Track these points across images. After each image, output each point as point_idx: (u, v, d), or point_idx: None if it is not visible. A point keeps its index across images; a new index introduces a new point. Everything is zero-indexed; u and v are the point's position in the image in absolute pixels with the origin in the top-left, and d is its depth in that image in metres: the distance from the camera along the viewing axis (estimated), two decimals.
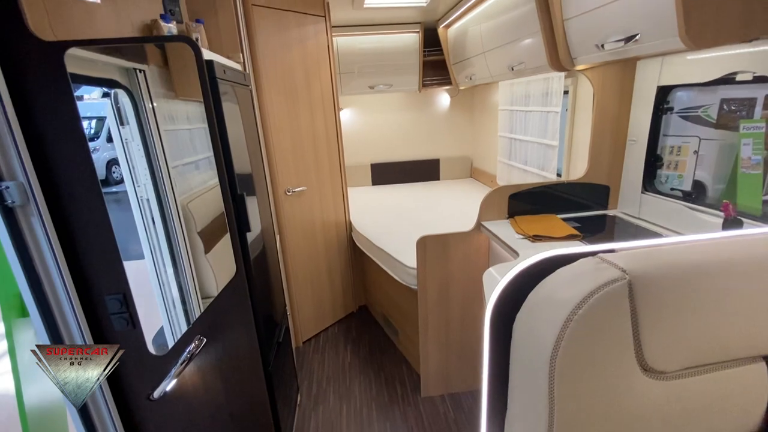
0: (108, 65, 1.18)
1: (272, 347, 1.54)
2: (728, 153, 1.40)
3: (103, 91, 1.18)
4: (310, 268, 2.60)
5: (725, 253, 0.69)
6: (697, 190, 1.53)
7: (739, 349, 0.68)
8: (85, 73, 1.10)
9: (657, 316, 0.64)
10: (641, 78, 1.66)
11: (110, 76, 1.20)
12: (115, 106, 1.30)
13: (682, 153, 1.57)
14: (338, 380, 2.28)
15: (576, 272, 0.69)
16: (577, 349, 0.62)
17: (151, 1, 1.34)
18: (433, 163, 3.93)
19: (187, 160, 1.51)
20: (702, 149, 1.49)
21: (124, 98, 1.28)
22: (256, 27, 2.01)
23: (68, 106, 0.83)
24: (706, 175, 1.52)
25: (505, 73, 2.22)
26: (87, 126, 1.46)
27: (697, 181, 1.53)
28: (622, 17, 1.26)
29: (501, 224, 1.82)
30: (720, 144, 1.45)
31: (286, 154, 2.31)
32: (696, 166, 1.52)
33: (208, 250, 1.50)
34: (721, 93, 1.41)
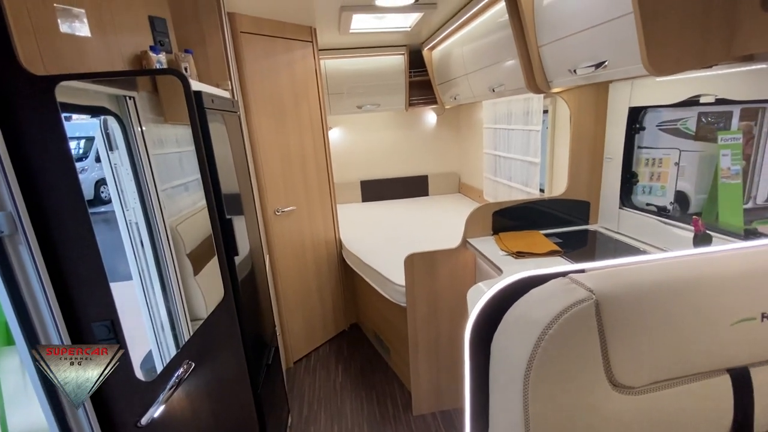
0: (98, 94, 1.22)
1: (261, 369, 1.54)
2: (708, 164, 1.45)
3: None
4: (300, 288, 2.60)
5: (687, 271, 0.73)
6: (678, 201, 1.57)
7: (702, 363, 0.71)
8: (76, 102, 1.13)
9: (623, 333, 0.68)
10: (614, 99, 1.75)
11: (100, 103, 1.24)
12: (104, 132, 1.33)
13: (663, 165, 1.62)
14: (330, 401, 2.26)
15: (547, 293, 0.73)
16: (549, 366, 0.65)
17: (141, 33, 1.38)
18: (421, 179, 3.99)
19: (177, 183, 1.53)
20: (683, 160, 1.54)
21: (114, 124, 1.31)
22: (245, 53, 2.07)
23: (58, 138, 0.86)
24: (688, 186, 1.57)
25: (487, 93, 2.30)
26: (75, 146, 1.49)
27: (680, 192, 1.57)
28: (591, 45, 1.34)
29: (486, 241, 1.86)
30: (700, 155, 1.50)
31: (275, 175, 2.34)
32: (678, 177, 1.57)
33: (198, 272, 1.51)
34: (699, 106, 1.45)
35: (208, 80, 1.56)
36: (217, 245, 1.26)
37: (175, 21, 1.50)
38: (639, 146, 1.71)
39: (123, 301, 1.29)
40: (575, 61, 1.44)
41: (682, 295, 0.70)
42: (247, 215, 1.68)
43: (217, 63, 1.57)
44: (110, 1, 1.26)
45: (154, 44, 1.40)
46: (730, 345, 0.71)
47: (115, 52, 1.27)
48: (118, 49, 1.28)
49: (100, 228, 1.35)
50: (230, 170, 1.50)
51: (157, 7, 1.44)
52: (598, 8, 1.25)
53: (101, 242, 1.12)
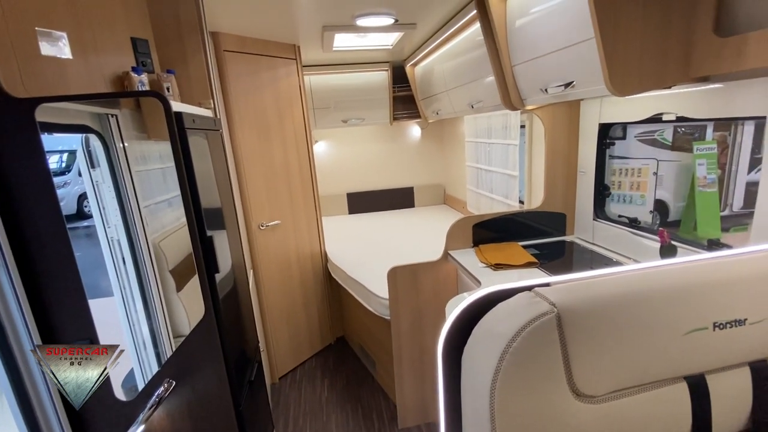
0: (80, 112, 1.23)
1: (244, 386, 1.53)
2: (686, 173, 1.50)
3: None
4: (286, 303, 2.60)
5: (643, 283, 0.77)
6: (658, 210, 1.62)
7: (660, 371, 0.75)
8: (57, 121, 1.14)
9: (584, 344, 0.71)
10: (585, 116, 1.82)
11: (82, 122, 1.25)
12: (86, 150, 1.34)
13: (642, 174, 1.67)
14: (315, 416, 2.25)
15: (512, 306, 0.76)
16: (514, 378, 0.68)
17: (123, 54, 1.40)
18: (407, 191, 4.04)
19: (160, 199, 1.54)
20: (661, 170, 1.59)
21: (96, 142, 1.33)
22: (229, 71, 2.10)
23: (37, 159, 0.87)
24: (666, 194, 1.62)
25: (467, 109, 2.37)
26: (58, 159, 1.49)
27: (659, 200, 1.63)
28: (560, 66, 1.41)
29: (466, 253, 1.90)
30: (678, 165, 1.56)
31: (259, 190, 2.36)
32: (656, 186, 1.62)
33: (180, 288, 1.51)
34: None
35: (191, 99, 1.58)
36: (198, 263, 1.27)
37: (158, 41, 1.53)
38: (619, 156, 1.75)
39: (104, 318, 1.29)
40: (546, 81, 1.51)
41: (638, 306, 0.74)
42: (230, 231, 1.69)
43: (200, 82, 1.59)
44: (92, 23, 1.28)
45: (137, 65, 1.43)
46: (686, 354, 0.75)
47: (96, 73, 1.29)
48: (100, 70, 1.30)
49: (83, 243, 1.35)
50: (212, 188, 1.51)
51: (140, 28, 1.46)
52: (565, 32, 1.32)
53: (84, 258, 1.12)
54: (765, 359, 0.79)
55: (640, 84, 1.20)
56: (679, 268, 0.80)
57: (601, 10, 1.11)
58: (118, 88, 1.35)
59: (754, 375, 0.79)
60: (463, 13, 1.94)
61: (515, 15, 1.59)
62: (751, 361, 0.79)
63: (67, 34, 1.19)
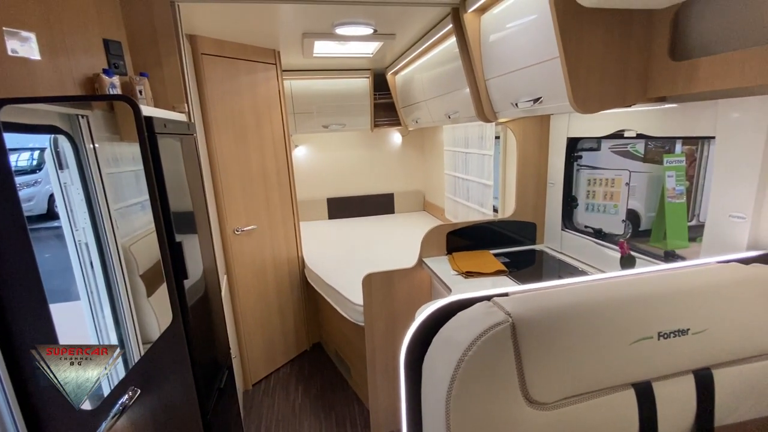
0: (48, 113, 1.21)
1: (212, 394, 1.51)
2: (656, 184, 1.57)
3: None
4: (261, 308, 2.58)
5: (594, 295, 0.81)
6: (630, 219, 1.66)
7: (608, 378, 0.79)
8: (23, 122, 1.12)
9: (537, 353, 0.74)
10: (554, 130, 1.89)
11: (50, 122, 1.22)
12: (54, 150, 1.31)
13: (616, 185, 1.72)
14: (288, 423, 2.23)
15: (471, 316, 0.79)
16: (468, 385, 0.71)
17: (95, 55, 1.38)
18: (387, 197, 4.07)
19: (132, 201, 1.51)
20: (633, 181, 1.65)
21: (65, 143, 1.30)
22: (206, 74, 2.09)
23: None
24: (638, 204, 1.68)
25: (444, 119, 2.42)
26: (29, 157, 1.45)
27: (631, 210, 1.68)
28: (529, 83, 1.46)
29: (440, 260, 1.93)
30: (649, 176, 1.62)
31: (235, 195, 2.34)
32: (629, 196, 1.68)
33: (151, 293, 1.49)
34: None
35: (165, 103, 1.57)
36: (166, 268, 1.26)
37: (132, 44, 1.51)
38: (593, 167, 1.80)
39: (72, 323, 1.26)
40: (516, 96, 1.56)
41: (588, 316, 0.78)
42: (202, 236, 1.67)
43: (174, 86, 1.58)
44: (63, 24, 1.26)
45: (109, 67, 1.41)
46: (633, 362, 0.80)
47: (66, 75, 1.27)
48: (70, 72, 1.28)
49: (52, 244, 1.32)
50: (184, 192, 1.50)
51: (113, 30, 1.45)
52: (534, 50, 1.38)
53: (53, 260, 1.09)
54: (708, 367, 0.84)
55: (601, 103, 1.26)
56: (626, 280, 0.85)
57: (565, 32, 1.17)
58: (88, 89, 1.33)
59: (698, 382, 0.83)
60: (441, 26, 1.99)
61: (489, 31, 1.64)
62: (695, 368, 0.84)
63: (36, 34, 1.17)
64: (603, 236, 1.71)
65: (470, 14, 1.68)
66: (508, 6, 1.51)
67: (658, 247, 1.52)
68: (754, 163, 1.03)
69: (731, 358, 0.84)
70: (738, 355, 0.84)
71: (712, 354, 0.83)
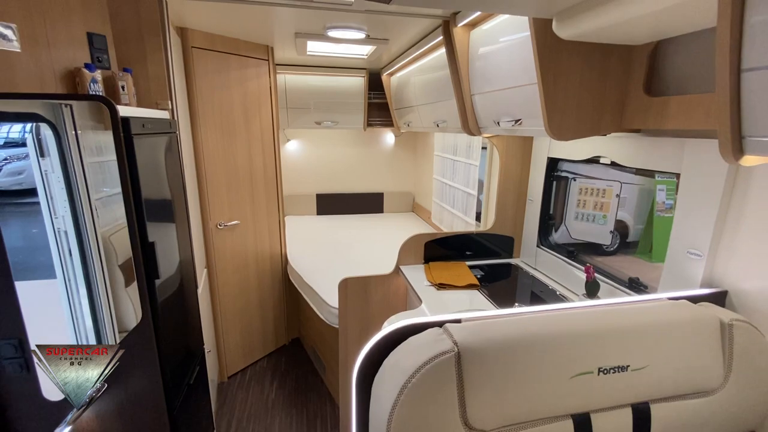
0: (31, 102, 1.20)
1: (180, 390, 1.54)
2: (647, 197, 1.59)
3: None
4: (240, 302, 2.60)
5: (540, 327, 0.84)
6: (618, 230, 1.67)
7: (547, 409, 0.82)
8: (4, 110, 1.12)
9: (479, 381, 0.77)
10: (536, 149, 1.92)
11: (32, 110, 1.22)
12: (36, 138, 1.31)
13: (606, 195, 1.73)
14: (259, 418, 2.27)
15: (420, 342, 0.82)
16: (409, 412, 0.74)
17: (78, 49, 1.38)
18: (377, 197, 4.09)
19: (114, 191, 1.52)
20: (624, 192, 1.65)
21: (47, 131, 1.30)
22: (196, 68, 2.08)
23: None
24: (627, 216, 1.70)
25: (433, 126, 2.43)
26: (20, 130, 1.44)
27: (620, 221, 1.70)
28: (510, 104, 1.48)
29: (417, 269, 1.96)
30: (640, 188, 1.64)
31: (219, 190, 2.35)
32: (618, 207, 1.68)
33: (129, 284, 1.50)
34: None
35: (148, 99, 1.57)
36: (137, 268, 1.27)
37: (117, 38, 1.51)
38: (585, 176, 1.79)
39: (48, 306, 1.28)
40: (498, 114, 1.58)
41: (531, 349, 0.81)
42: (180, 232, 1.68)
43: (158, 81, 1.58)
44: (45, 16, 1.26)
45: (92, 61, 1.40)
46: (572, 394, 0.83)
47: (46, 68, 1.26)
48: (51, 65, 1.28)
49: (40, 219, 1.32)
50: (162, 189, 1.51)
51: (98, 24, 1.44)
52: (516, 73, 1.39)
53: (39, 235, 1.10)
54: (647, 401, 0.88)
55: (575, 131, 1.28)
56: (574, 314, 0.88)
57: (544, 60, 1.18)
58: (69, 83, 1.33)
59: (635, 415, 0.87)
60: (432, 36, 2.00)
61: (477, 46, 1.65)
62: (633, 402, 0.87)
63: (17, 25, 1.17)
64: (574, 257, 1.74)
65: (460, 28, 1.69)
66: (496, 24, 1.52)
67: (643, 259, 1.54)
68: (713, 204, 1.07)
69: (669, 394, 0.88)
70: (675, 392, 0.88)
71: (651, 390, 0.87)
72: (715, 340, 0.89)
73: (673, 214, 1.39)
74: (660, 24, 0.99)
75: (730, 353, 0.89)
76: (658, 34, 1.10)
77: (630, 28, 1.02)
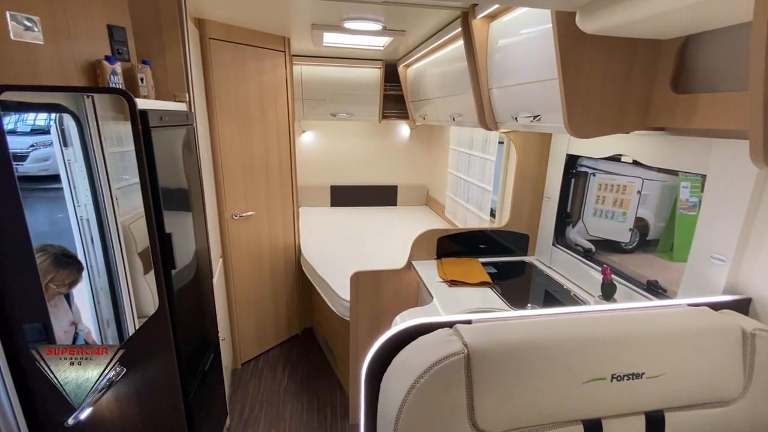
0: (54, 93, 1.23)
1: (195, 377, 1.58)
2: (669, 194, 1.53)
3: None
4: (254, 291, 2.64)
5: (553, 331, 0.83)
6: (638, 227, 1.61)
7: (558, 414, 0.81)
8: (29, 101, 1.15)
9: (489, 384, 0.77)
10: (555, 145, 1.87)
11: (56, 101, 1.25)
12: (59, 128, 1.34)
13: (627, 192, 1.67)
14: (271, 404, 2.32)
15: (429, 342, 0.81)
16: (417, 411, 0.74)
17: (98, 41, 1.40)
18: (391, 189, 4.07)
19: (134, 180, 1.55)
20: (645, 189, 1.60)
21: (70, 122, 1.33)
22: (213, 60, 2.09)
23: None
24: (648, 213, 1.63)
25: (449, 120, 2.40)
26: (46, 118, 1.48)
27: (640, 218, 1.63)
28: (529, 99, 1.44)
29: (429, 265, 1.95)
30: (662, 185, 1.58)
31: (236, 181, 2.37)
32: (639, 204, 1.63)
33: (148, 271, 1.54)
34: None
35: (166, 91, 1.58)
36: (154, 259, 1.30)
37: (136, 30, 1.52)
38: (606, 171, 1.74)
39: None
40: (517, 109, 1.54)
41: (542, 353, 0.80)
42: (196, 222, 1.71)
43: (177, 74, 1.59)
44: (67, 8, 1.28)
45: (112, 53, 1.42)
46: (584, 400, 0.82)
47: (68, 60, 1.29)
48: (72, 57, 1.30)
49: (65, 205, 1.36)
50: (180, 181, 1.53)
51: (118, 16, 1.45)
52: (536, 68, 1.35)
53: (64, 219, 1.14)
54: (661, 409, 0.86)
55: (596, 129, 1.24)
56: (588, 318, 0.86)
57: (566, 55, 1.14)
58: (90, 75, 1.35)
59: (649, 423, 0.85)
60: (451, 27, 1.95)
61: (496, 39, 1.61)
62: (647, 410, 0.85)
63: (40, 18, 1.19)
64: (591, 257, 1.71)
65: (479, 20, 1.65)
66: (517, 16, 1.47)
67: (664, 258, 1.49)
68: (740, 208, 1.02)
69: (685, 403, 0.86)
70: (691, 401, 0.86)
71: (666, 398, 0.85)
72: (736, 350, 0.86)
73: (696, 212, 1.35)
74: (693, 19, 0.94)
75: (751, 364, 0.86)
76: (689, 28, 1.04)
77: (660, 23, 0.97)
